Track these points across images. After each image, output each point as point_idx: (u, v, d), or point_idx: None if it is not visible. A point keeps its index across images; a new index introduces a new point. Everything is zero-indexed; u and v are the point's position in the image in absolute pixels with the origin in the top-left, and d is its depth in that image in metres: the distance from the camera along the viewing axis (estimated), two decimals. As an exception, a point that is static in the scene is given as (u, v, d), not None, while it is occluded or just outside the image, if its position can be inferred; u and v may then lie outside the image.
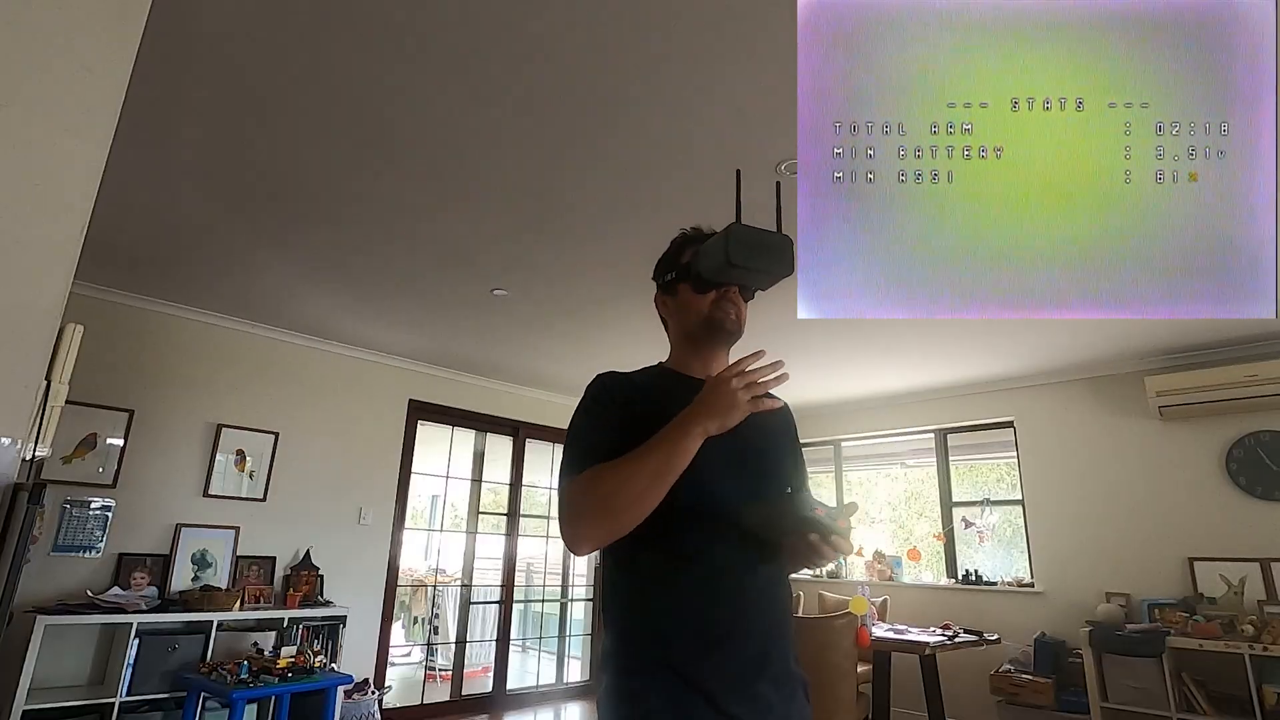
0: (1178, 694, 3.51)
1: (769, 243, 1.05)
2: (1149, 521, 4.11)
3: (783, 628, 1.04)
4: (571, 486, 0.99)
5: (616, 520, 0.95)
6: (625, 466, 0.95)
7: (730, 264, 1.03)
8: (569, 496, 0.98)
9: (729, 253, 1.03)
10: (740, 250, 1.03)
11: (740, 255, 1.03)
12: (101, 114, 1.16)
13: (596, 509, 0.95)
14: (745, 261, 1.03)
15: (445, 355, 4.84)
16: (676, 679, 0.95)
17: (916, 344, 4.16)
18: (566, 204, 2.62)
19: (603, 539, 0.98)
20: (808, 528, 0.94)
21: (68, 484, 3.50)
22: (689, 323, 1.15)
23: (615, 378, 1.12)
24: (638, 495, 0.93)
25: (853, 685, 3.25)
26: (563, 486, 1.00)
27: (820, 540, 0.94)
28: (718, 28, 1.71)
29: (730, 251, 1.03)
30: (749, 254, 1.04)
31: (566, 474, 1.01)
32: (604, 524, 0.96)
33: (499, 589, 5.29)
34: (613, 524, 0.95)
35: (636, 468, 0.94)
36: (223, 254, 3.23)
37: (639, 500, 0.94)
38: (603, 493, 0.95)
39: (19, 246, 1.06)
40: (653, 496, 0.94)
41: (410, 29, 1.75)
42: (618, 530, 0.96)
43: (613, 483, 0.95)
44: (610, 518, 0.95)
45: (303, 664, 3.53)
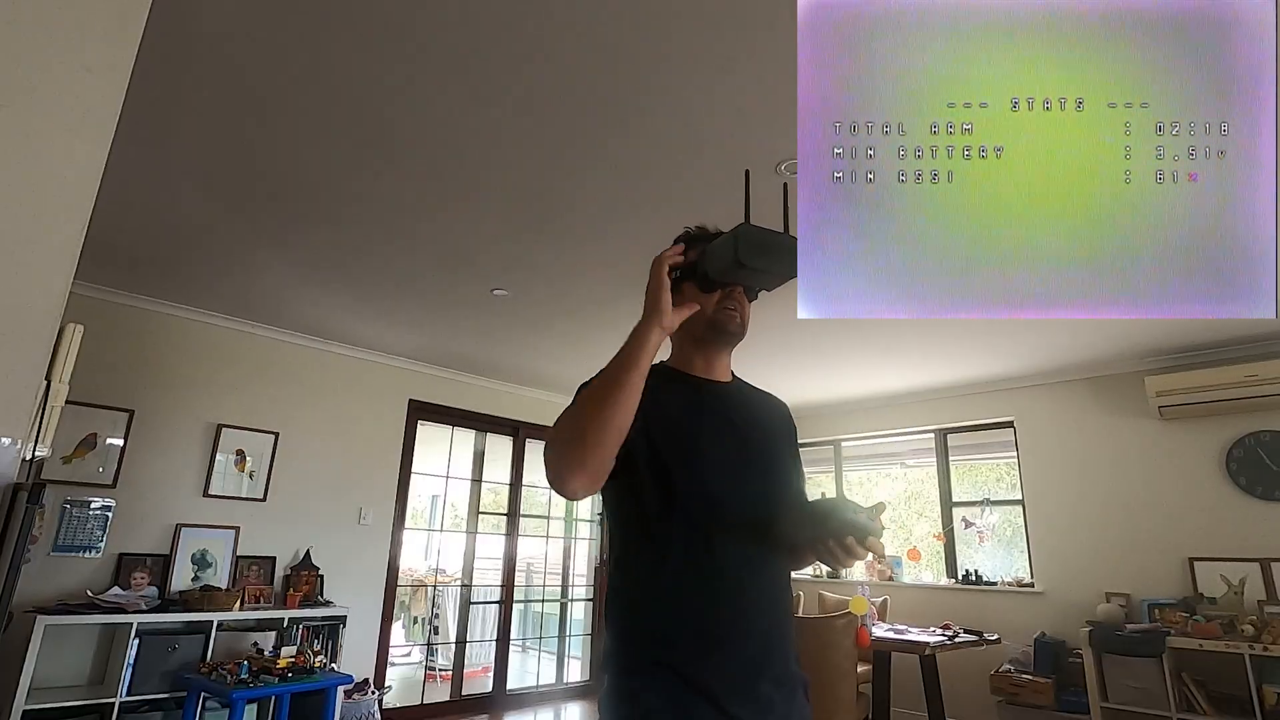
0: (1178, 694, 3.51)
1: (777, 243, 1.06)
2: (1149, 521, 4.11)
3: (783, 628, 1.04)
4: (553, 426, 0.99)
5: (587, 441, 0.93)
6: (591, 386, 0.98)
7: (739, 264, 1.04)
8: (551, 432, 0.98)
9: (738, 252, 1.03)
10: (749, 250, 1.04)
11: (749, 255, 1.03)
12: (101, 114, 1.16)
13: (569, 432, 0.95)
14: (753, 262, 1.04)
15: (445, 355, 4.84)
16: (677, 679, 0.95)
17: (916, 344, 4.16)
18: (566, 204, 2.62)
19: (580, 465, 0.94)
20: (851, 531, 0.93)
21: (68, 484, 3.50)
22: (693, 323, 1.14)
23: None
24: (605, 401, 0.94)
25: (853, 685, 3.25)
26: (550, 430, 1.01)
27: (856, 543, 0.94)
28: (718, 28, 1.71)
29: (740, 251, 1.03)
30: (757, 255, 1.04)
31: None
32: (577, 447, 0.93)
33: (499, 589, 5.29)
34: (584, 446, 0.93)
35: (600, 380, 0.97)
36: (223, 254, 3.23)
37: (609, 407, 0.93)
38: (573, 416, 0.96)
39: (19, 246, 1.06)
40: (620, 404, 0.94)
41: (410, 29, 1.75)
42: (590, 453, 0.93)
43: (579, 405, 0.97)
44: (581, 439, 0.93)
45: (303, 664, 3.53)
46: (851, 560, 0.98)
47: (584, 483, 0.95)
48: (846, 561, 0.98)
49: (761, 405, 1.20)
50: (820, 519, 0.97)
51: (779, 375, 4.81)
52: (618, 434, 0.94)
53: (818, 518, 0.98)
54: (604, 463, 0.95)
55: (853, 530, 0.94)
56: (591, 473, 0.94)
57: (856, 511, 0.95)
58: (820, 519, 0.97)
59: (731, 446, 1.08)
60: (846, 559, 0.97)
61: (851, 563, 0.99)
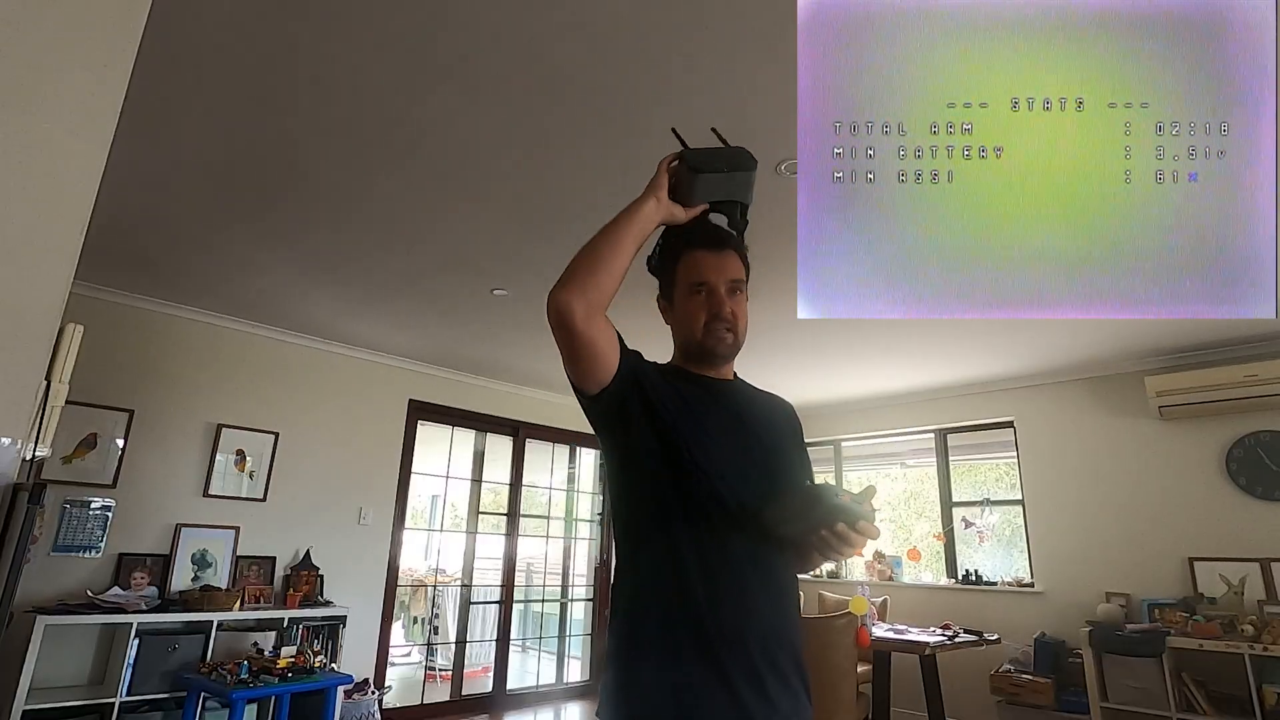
0: (1178, 694, 3.51)
1: (725, 149, 1.11)
2: (1149, 521, 4.11)
3: (790, 625, 1.04)
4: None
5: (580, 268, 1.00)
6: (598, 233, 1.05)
7: (697, 172, 1.07)
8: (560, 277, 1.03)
9: (691, 165, 1.07)
10: (700, 160, 1.08)
11: (700, 161, 1.08)
12: (101, 114, 1.16)
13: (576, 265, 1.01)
14: (711, 166, 1.08)
15: (445, 355, 4.84)
16: (681, 676, 0.95)
17: (916, 344, 4.16)
18: (567, 204, 2.62)
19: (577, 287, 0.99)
20: (839, 516, 0.92)
21: (68, 484, 3.50)
22: (685, 341, 1.15)
23: (645, 363, 1.11)
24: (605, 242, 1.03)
25: (853, 685, 3.25)
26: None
27: (847, 529, 0.92)
28: (718, 28, 1.71)
29: (691, 163, 1.07)
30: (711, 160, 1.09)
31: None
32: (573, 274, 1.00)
33: (499, 589, 5.29)
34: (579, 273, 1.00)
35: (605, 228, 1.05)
36: (223, 254, 3.23)
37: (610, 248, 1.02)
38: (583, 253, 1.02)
39: (19, 246, 1.06)
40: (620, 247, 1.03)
41: (411, 30, 1.75)
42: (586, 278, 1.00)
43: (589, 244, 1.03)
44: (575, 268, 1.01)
45: (303, 664, 3.53)
46: (847, 549, 0.95)
47: (581, 306, 0.98)
48: (842, 550, 0.96)
49: (767, 404, 1.20)
50: (806, 508, 0.95)
51: (779, 375, 4.81)
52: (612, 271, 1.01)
53: (804, 507, 0.96)
54: (600, 292, 0.99)
55: (842, 515, 0.92)
56: (586, 297, 0.98)
57: (840, 495, 0.93)
58: (806, 508, 0.95)
59: (740, 443, 1.08)
60: (842, 547, 0.95)
61: (848, 552, 0.97)
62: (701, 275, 1.11)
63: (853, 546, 0.95)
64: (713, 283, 1.11)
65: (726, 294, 1.11)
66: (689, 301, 1.12)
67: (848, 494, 0.94)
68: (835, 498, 0.92)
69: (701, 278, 1.11)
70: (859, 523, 0.92)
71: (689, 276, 1.12)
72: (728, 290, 1.11)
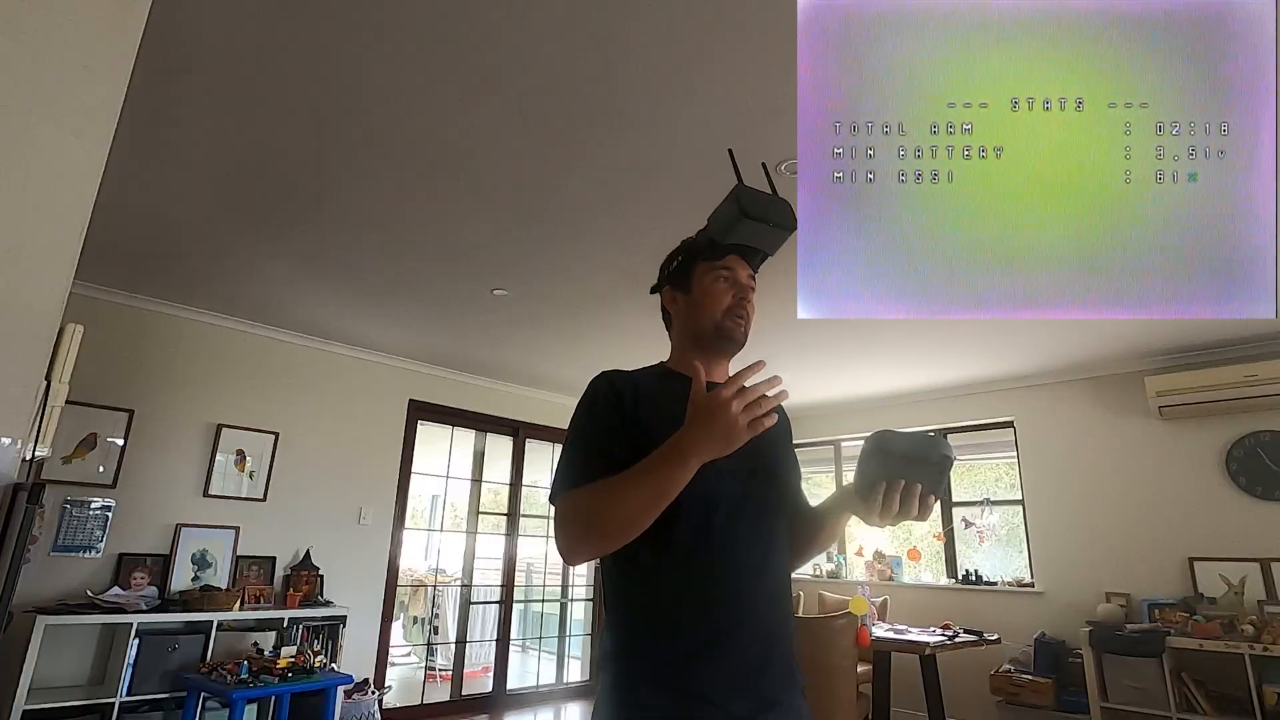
0: (1178, 694, 3.51)
1: (775, 200, 1.09)
2: (1149, 521, 4.11)
3: (784, 628, 1.04)
4: (565, 503, 0.98)
5: (610, 541, 0.95)
6: (620, 489, 0.92)
7: (743, 214, 1.06)
8: (563, 513, 0.98)
9: (740, 205, 1.06)
10: (750, 201, 1.06)
11: (751, 205, 1.06)
12: (101, 114, 1.16)
13: (589, 529, 0.95)
14: (755, 210, 1.06)
15: (445, 355, 4.84)
16: (677, 679, 0.95)
17: (916, 344, 4.16)
18: (567, 204, 2.62)
19: (595, 555, 0.98)
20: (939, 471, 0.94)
21: (68, 484, 3.50)
22: (699, 325, 1.14)
23: (618, 377, 1.10)
24: (630, 519, 0.92)
25: (853, 685, 3.25)
26: (559, 497, 1.00)
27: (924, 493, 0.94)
28: (718, 27, 1.71)
29: (742, 203, 1.06)
30: (760, 207, 1.07)
31: (563, 483, 1.00)
32: (597, 544, 0.96)
33: (499, 589, 5.29)
34: (605, 544, 0.96)
35: (630, 493, 0.92)
36: (223, 254, 3.23)
37: (631, 524, 0.93)
38: (597, 515, 0.94)
39: (19, 246, 1.06)
40: (645, 520, 0.93)
41: (409, 29, 1.75)
42: (610, 548, 0.96)
43: (607, 505, 0.93)
44: (603, 539, 0.95)
45: (303, 664, 3.53)
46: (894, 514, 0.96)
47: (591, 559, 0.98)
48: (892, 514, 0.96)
49: None
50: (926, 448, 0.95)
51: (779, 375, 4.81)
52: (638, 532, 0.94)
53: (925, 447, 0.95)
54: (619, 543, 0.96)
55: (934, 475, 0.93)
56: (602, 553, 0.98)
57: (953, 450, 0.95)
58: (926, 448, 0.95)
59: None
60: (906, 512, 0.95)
61: (893, 518, 0.96)
62: (728, 265, 1.14)
63: (904, 517, 0.96)
64: (738, 272, 1.14)
65: (748, 288, 1.15)
66: (714, 284, 1.13)
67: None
68: (952, 453, 0.95)
69: (728, 265, 1.14)
70: (930, 496, 0.95)
71: (715, 264, 1.14)
72: (749, 285, 1.15)
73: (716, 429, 0.89)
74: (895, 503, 0.95)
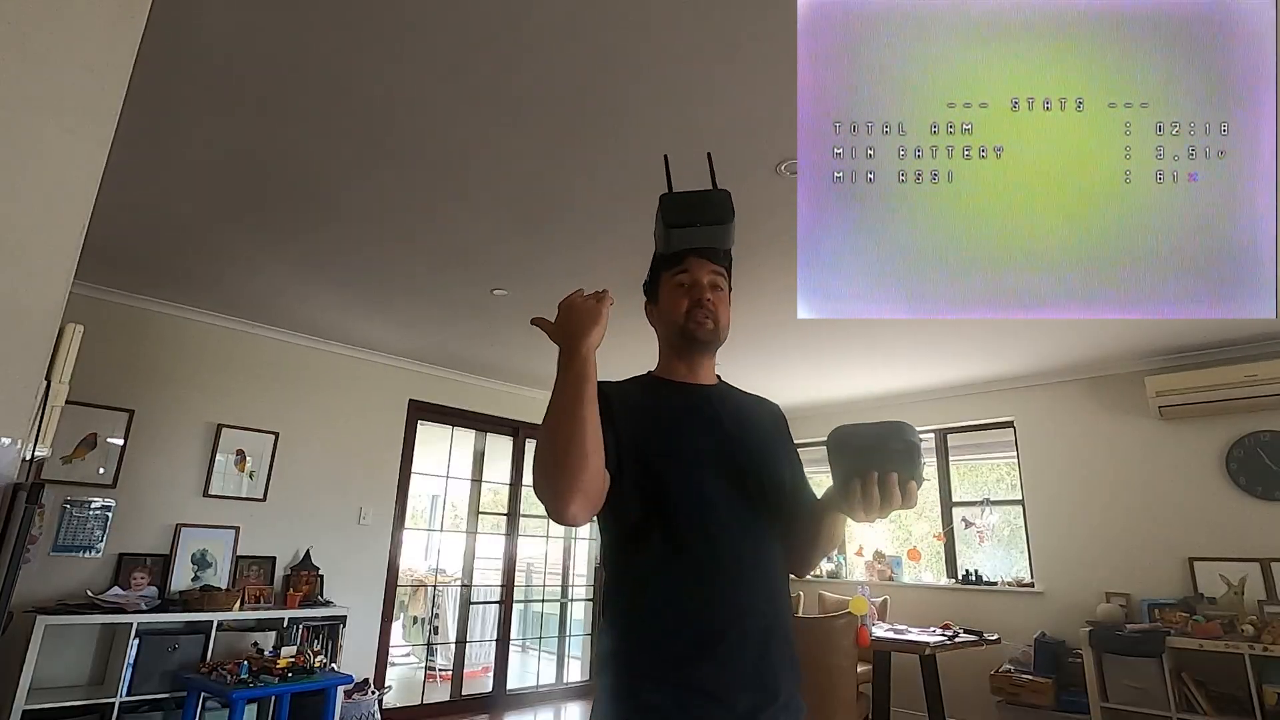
0: (1178, 694, 3.51)
1: (700, 197, 1.09)
2: (1149, 521, 4.11)
3: (782, 625, 1.04)
4: (533, 472, 0.99)
5: (567, 470, 0.92)
6: (548, 417, 0.95)
7: (671, 226, 1.06)
8: (534, 479, 0.98)
9: (664, 217, 1.07)
10: (672, 211, 1.07)
11: (674, 216, 1.06)
12: (101, 114, 1.16)
13: (543, 465, 0.94)
14: (681, 219, 1.06)
15: (445, 355, 4.84)
16: (675, 677, 0.95)
17: (916, 344, 4.15)
18: (567, 204, 2.62)
19: (568, 493, 0.92)
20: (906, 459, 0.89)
21: (68, 484, 3.50)
22: (669, 331, 1.17)
23: (608, 388, 1.10)
24: (569, 435, 0.92)
25: (853, 685, 3.25)
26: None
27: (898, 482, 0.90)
28: (718, 27, 1.71)
29: (665, 215, 1.07)
30: (683, 212, 1.07)
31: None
32: (557, 477, 0.92)
33: (499, 589, 5.29)
34: (564, 475, 0.92)
35: (555, 413, 0.95)
36: (223, 254, 3.23)
37: (571, 440, 0.92)
38: (542, 448, 0.95)
39: (19, 246, 1.06)
40: (581, 432, 0.92)
41: (410, 29, 1.75)
42: (575, 479, 0.92)
43: (546, 434, 0.95)
44: (558, 469, 0.92)
45: (303, 664, 3.53)
46: (878, 507, 0.91)
47: (581, 505, 0.94)
48: (875, 507, 0.91)
49: (750, 405, 1.21)
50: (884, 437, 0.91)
51: (777, 376, 4.81)
52: (593, 450, 0.93)
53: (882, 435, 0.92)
54: (592, 481, 0.94)
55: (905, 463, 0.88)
56: (584, 493, 0.93)
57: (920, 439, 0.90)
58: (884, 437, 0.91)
59: (722, 445, 1.08)
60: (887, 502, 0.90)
61: (878, 511, 0.92)
62: (685, 268, 1.15)
63: (888, 507, 0.91)
64: (695, 274, 1.15)
65: (708, 286, 1.15)
66: (673, 293, 1.16)
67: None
68: (915, 437, 0.90)
69: (685, 268, 1.15)
70: (909, 483, 0.90)
71: (675, 270, 1.17)
72: (709, 283, 1.15)
73: (574, 313, 0.99)
74: (874, 495, 0.91)
